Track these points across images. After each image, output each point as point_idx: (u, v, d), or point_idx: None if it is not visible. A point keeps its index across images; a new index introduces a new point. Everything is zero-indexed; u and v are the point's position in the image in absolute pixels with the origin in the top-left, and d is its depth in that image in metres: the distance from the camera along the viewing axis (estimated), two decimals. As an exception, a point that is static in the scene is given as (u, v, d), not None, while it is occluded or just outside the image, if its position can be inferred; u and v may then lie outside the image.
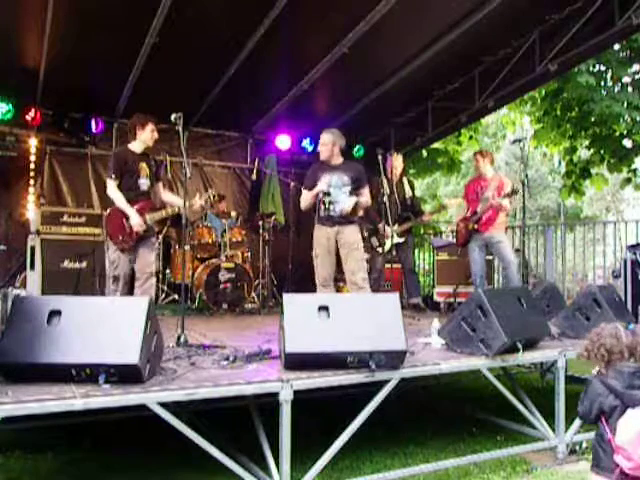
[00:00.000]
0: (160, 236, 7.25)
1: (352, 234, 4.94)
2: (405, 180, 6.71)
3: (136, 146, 4.88)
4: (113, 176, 4.70)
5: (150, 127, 4.85)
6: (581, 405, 2.57)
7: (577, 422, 3.73)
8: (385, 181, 6.09)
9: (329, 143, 5.00)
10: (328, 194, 4.90)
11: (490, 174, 6.01)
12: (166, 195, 5.16)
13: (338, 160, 5.04)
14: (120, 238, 4.67)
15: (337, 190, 4.91)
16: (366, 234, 6.33)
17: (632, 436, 2.32)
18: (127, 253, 4.73)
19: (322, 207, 4.91)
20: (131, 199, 4.73)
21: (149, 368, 2.75)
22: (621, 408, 2.41)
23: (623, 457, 2.35)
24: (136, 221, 4.64)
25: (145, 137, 4.85)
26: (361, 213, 5.24)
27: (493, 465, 3.49)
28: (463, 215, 6.23)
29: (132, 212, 4.65)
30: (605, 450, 2.44)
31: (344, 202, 4.89)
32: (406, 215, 6.50)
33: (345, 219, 4.92)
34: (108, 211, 4.85)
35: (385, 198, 5.66)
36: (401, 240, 6.39)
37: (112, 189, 4.70)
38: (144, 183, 4.82)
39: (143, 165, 4.82)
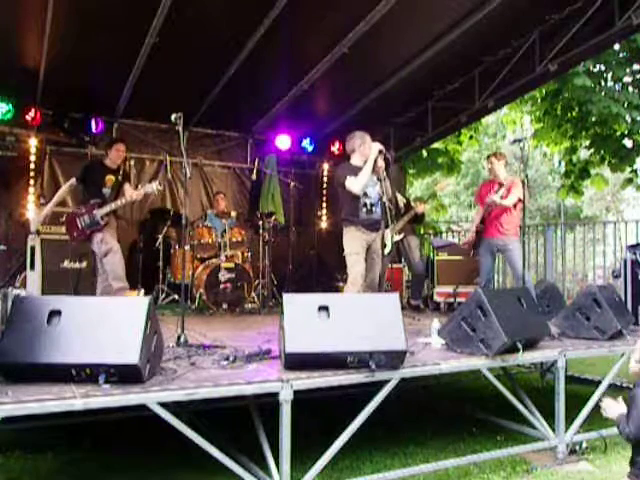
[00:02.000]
0: (160, 236, 7.25)
1: (380, 242, 4.86)
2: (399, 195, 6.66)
3: (107, 161, 5.69)
4: (73, 179, 5.64)
5: (115, 147, 5.68)
6: (630, 423, 2.41)
7: (577, 422, 3.74)
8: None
9: (368, 143, 4.84)
10: (367, 195, 4.79)
11: (503, 176, 5.81)
12: (130, 192, 5.75)
13: None
14: (75, 235, 5.47)
15: (372, 190, 4.81)
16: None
17: None
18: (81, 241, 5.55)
19: (364, 209, 4.77)
20: (92, 201, 5.53)
21: (149, 368, 2.74)
22: None
23: None
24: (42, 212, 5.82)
25: (112, 155, 5.67)
26: None
27: (493, 465, 3.50)
28: (478, 224, 6.00)
29: (49, 206, 5.69)
30: None
31: (379, 205, 4.81)
32: (400, 214, 6.47)
33: (380, 224, 4.79)
34: (65, 216, 5.71)
35: (384, 198, 5.64)
36: (399, 237, 6.37)
37: (64, 185, 5.79)
38: (107, 192, 5.59)
39: (110, 177, 5.59)
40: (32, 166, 7.33)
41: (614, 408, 2.58)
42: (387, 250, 5.96)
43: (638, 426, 2.41)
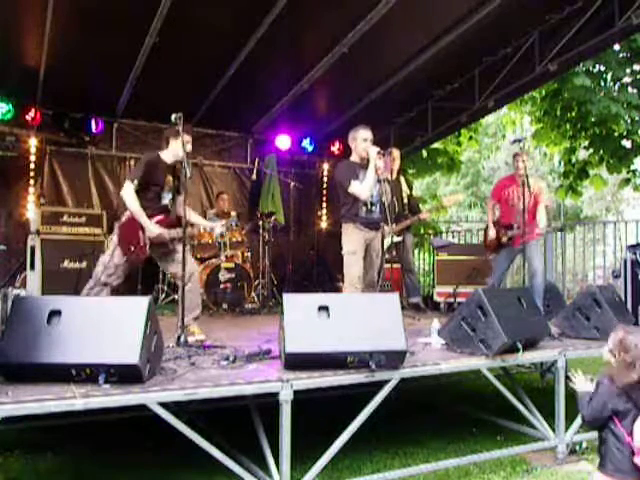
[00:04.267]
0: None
1: (379, 241, 4.84)
2: (402, 179, 6.69)
3: (166, 156, 4.39)
4: (135, 181, 4.17)
5: (183, 138, 4.16)
6: (587, 408, 2.50)
7: (577, 422, 3.74)
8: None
9: (371, 139, 4.75)
10: None
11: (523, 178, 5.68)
12: (188, 212, 4.26)
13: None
14: (132, 249, 4.23)
15: (373, 189, 4.74)
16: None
17: None
18: (128, 264, 4.33)
19: (364, 209, 4.72)
20: (151, 211, 4.29)
21: (149, 368, 2.74)
22: (635, 412, 2.38)
23: None
24: (155, 231, 4.22)
25: (176, 148, 4.26)
26: None
27: (493, 465, 3.49)
28: (493, 217, 5.99)
29: (147, 221, 4.22)
30: (622, 452, 2.39)
31: (379, 204, 4.76)
32: (403, 214, 6.49)
33: (379, 224, 4.78)
34: (123, 219, 4.30)
35: (384, 198, 5.63)
36: (399, 239, 6.38)
37: (129, 192, 4.16)
38: (167, 197, 4.42)
39: (169, 178, 4.42)
40: (32, 166, 7.33)
41: (583, 384, 2.63)
42: (386, 245, 5.94)
43: (593, 411, 2.47)
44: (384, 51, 6.34)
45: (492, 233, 5.82)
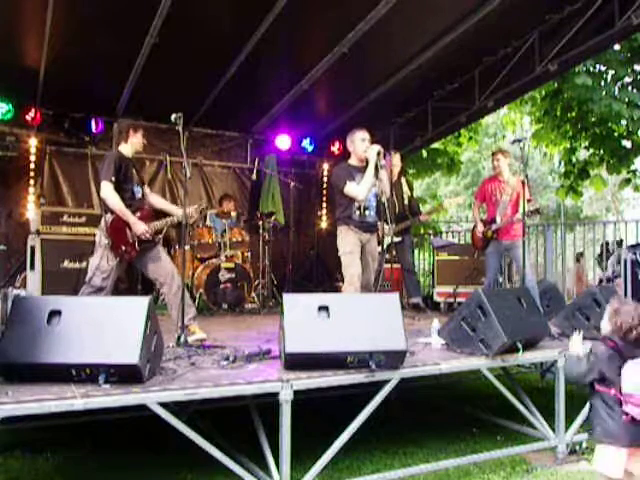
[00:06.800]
0: (160, 236, 7.23)
1: (375, 243, 4.84)
2: (403, 180, 6.70)
3: (127, 150, 4.39)
4: (113, 179, 4.15)
5: (142, 132, 4.45)
6: (578, 366, 2.63)
7: (577, 422, 3.74)
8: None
9: (368, 139, 4.73)
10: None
11: (507, 175, 5.86)
12: (158, 201, 4.71)
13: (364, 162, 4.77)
14: (123, 249, 4.22)
15: (370, 192, 4.73)
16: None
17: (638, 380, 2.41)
18: (122, 264, 4.33)
19: (357, 212, 4.69)
20: (132, 208, 4.28)
21: (149, 368, 2.75)
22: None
23: (633, 405, 2.40)
24: (141, 228, 4.22)
25: (137, 142, 4.41)
26: None
27: (493, 465, 3.50)
28: (479, 217, 6.09)
29: (134, 219, 4.23)
30: (611, 416, 2.50)
31: (375, 207, 4.75)
32: (403, 214, 6.49)
33: (374, 227, 4.78)
34: (110, 218, 4.22)
35: (383, 198, 5.63)
36: (398, 239, 6.38)
37: (110, 192, 4.13)
38: (138, 191, 4.42)
39: (134, 171, 4.41)
40: (32, 166, 7.31)
41: (578, 345, 2.79)
42: (385, 244, 5.93)
43: (578, 372, 2.65)
44: (384, 51, 6.34)
45: (480, 227, 5.94)
